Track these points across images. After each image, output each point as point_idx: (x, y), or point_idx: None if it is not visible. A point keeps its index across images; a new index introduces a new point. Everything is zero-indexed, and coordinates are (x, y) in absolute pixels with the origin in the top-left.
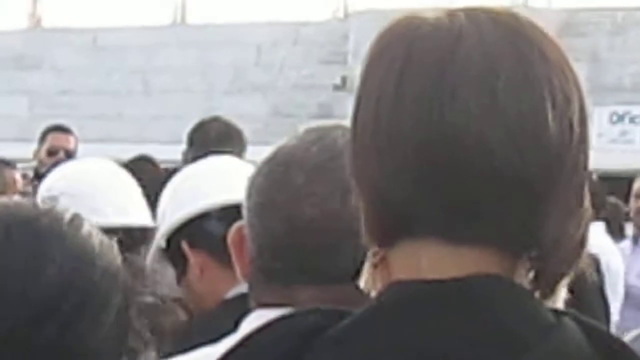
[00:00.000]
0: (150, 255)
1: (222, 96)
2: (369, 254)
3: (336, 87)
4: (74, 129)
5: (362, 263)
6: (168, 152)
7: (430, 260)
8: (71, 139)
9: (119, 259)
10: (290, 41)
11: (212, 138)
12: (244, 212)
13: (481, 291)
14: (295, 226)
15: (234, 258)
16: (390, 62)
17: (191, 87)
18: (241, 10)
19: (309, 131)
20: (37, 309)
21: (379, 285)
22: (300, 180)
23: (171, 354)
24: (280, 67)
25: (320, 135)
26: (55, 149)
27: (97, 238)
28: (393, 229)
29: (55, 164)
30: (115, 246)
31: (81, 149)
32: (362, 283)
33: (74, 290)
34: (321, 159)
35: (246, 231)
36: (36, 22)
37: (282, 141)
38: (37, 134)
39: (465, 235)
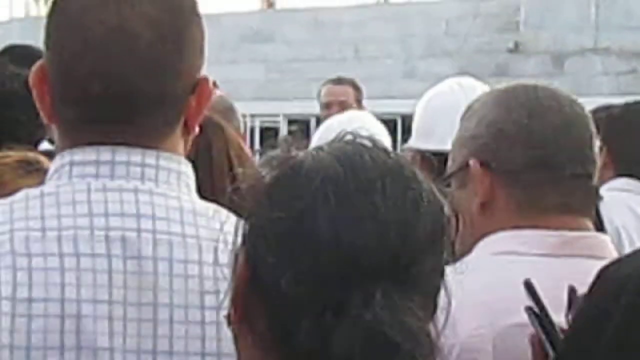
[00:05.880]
0: None
1: (418, 60)
2: None
3: (509, 51)
4: (300, 89)
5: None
6: (380, 106)
7: None
8: (347, 90)
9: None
10: (472, 14)
11: None
12: None
13: None
14: (532, 143)
15: None
16: None
17: (393, 54)
18: None
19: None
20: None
21: None
22: (523, 119)
23: None
24: (465, 36)
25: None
26: (330, 102)
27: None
28: None
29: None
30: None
31: (309, 105)
32: None
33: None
34: (540, 102)
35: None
36: (269, 4)
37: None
38: (271, 94)
39: None
